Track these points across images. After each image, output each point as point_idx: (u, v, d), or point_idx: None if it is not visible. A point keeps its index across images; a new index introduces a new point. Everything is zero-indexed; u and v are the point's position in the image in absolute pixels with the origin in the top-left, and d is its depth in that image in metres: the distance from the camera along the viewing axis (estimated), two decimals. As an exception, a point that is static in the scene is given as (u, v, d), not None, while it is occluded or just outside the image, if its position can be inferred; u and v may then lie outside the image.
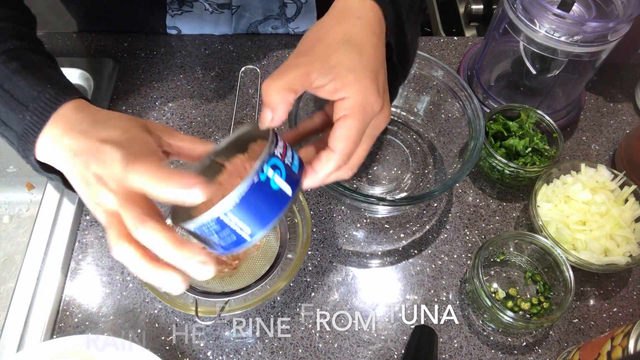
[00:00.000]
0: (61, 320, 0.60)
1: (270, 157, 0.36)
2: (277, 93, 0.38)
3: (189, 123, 0.75)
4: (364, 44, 0.42)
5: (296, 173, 0.38)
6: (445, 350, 0.60)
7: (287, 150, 0.39)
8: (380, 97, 0.40)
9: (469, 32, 1.24)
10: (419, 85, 0.72)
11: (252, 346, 0.60)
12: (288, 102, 0.38)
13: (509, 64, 0.79)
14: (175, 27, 0.82)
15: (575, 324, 0.63)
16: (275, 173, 0.36)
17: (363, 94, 0.39)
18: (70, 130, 0.41)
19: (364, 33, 0.42)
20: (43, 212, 0.66)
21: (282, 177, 0.37)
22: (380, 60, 0.42)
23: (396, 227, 0.69)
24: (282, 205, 0.37)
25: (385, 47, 0.44)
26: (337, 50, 0.40)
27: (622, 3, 0.66)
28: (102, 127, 0.40)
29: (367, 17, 0.43)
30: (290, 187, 0.37)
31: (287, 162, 0.38)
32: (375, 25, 0.44)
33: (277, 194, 0.37)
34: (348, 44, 0.41)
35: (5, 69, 0.44)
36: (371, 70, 0.40)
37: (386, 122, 0.43)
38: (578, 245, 0.64)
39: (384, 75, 0.43)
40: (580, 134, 0.79)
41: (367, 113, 0.39)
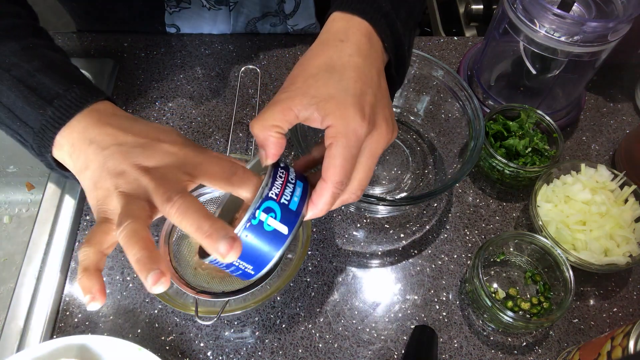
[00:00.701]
0: (61, 320, 0.60)
1: (262, 201, 0.38)
2: (259, 131, 0.39)
3: (189, 123, 0.75)
4: (345, 67, 0.41)
5: (294, 210, 0.39)
6: (445, 350, 0.60)
7: (287, 186, 0.39)
8: (365, 119, 0.40)
9: (469, 32, 1.24)
10: (419, 85, 0.72)
11: (252, 346, 0.60)
12: (274, 138, 0.39)
13: (509, 64, 0.79)
14: (174, 25, 0.82)
15: (575, 324, 0.63)
16: (268, 216, 0.38)
17: (344, 120, 0.39)
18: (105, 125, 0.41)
19: (345, 56, 0.42)
20: (43, 212, 0.66)
21: (277, 219, 0.38)
22: (365, 80, 0.41)
23: (396, 227, 0.69)
24: (279, 244, 0.39)
25: (376, 63, 0.44)
26: (317, 80, 0.40)
27: (622, 3, 0.66)
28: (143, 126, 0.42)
29: (351, 38, 0.43)
30: (287, 226, 0.38)
31: (284, 201, 0.39)
32: (362, 45, 0.43)
33: (272, 234, 0.38)
34: (327, 71, 0.41)
35: (27, 66, 0.45)
36: (353, 94, 0.40)
37: (384, 140, 0.42)
38: (578, 245, 0.64)
39: (372, 95, 0.41)
40: (580, 134, 0.79)
41: (350, 139, 0.39)
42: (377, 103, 0.42)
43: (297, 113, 0.39)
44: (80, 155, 0.41)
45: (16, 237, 0.83)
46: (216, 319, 0.52)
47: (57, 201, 0.66)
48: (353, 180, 0.41)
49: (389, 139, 0.42)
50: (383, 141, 0.42)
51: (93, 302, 0.37)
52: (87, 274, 0.37)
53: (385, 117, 0.42)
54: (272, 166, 0.40)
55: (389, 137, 0.42)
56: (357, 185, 0.41)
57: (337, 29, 0.44)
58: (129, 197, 0.38)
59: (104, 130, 0.41)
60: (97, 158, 0.40)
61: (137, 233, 0.35)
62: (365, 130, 0.40)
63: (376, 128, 0.41)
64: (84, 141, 0.41)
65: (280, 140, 0.40)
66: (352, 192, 0.41)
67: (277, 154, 0.40)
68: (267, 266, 0.39)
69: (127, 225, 0.36)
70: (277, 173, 0.40)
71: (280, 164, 0.41)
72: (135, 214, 0.36)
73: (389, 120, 0.42)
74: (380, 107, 0.42)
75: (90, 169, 0.40)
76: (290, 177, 0.40)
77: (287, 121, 0.39)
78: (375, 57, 0.44)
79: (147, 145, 0.40)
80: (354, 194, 0.42)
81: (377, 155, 0.42)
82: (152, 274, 0.34)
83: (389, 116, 0.43)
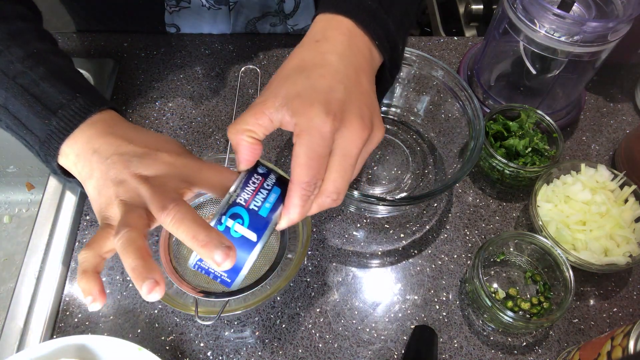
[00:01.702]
0: (61, 320, 0.60)
1: (229, 207, 0.38)
2: (232, 135, 0.40)
3: (189, 123, 0.75)
4: (316, 65, 0.40)
5: (264, 216, 0.38)
6: (445, 350, 0.60)
7: (259, 192, 0.39)
8: (330, 115, 0.38)
9: (469, 32, 1.24)
10: (419, 85, 0.72)
11: (252, 346, 0.60)
12: (246, 142, 0.39)
13: (509, 64, 0.79)
14: (174, 25, 0.82)
15: (575, 324, 0.63)
16: (235, 222, 0.38)
17: (307, 118, 0.38)
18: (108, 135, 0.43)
19: (317, 55, 0.41)
20: (43, 212, 0.66)
21: (244, 225, 0.38)
22: (335, 76, 0.40)
23: (396, 227, 0.69)
24: (248, 251, 0.38)
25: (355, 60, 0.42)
26: (287, 81, 0.40)
27: (622, 3, 0.66)
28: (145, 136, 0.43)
29: (327, 37, 0.42)
30: (255, 233, 0.38)
31: (254, 207, 0.38)
32: (337, 43, 0.42)
33: (241, 241, 0.38)
34: (298, 71, 0.40)
35: (32, 74, 0.46)
36: (319, 91, 0.38)
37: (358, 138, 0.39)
38: (578, 245, 0.64)
39: (343, 91, 0.39)
40: (580, 134, 0.79)
41: (313, 136, 0.37)
42: (349, 99, 0.39)
43: (270, 116, 0.39)
44: (85, 165, 0.42)
45: (16, 237, 0.83)
46: (216, 318, 0.52)
47: (57, 201, 0.66)
48: (326, 182, 0.39)
49: (364, 137, 0.39)
50: (357, 139, 0.39)
51: (94, 303, 0.38)
52: (85, 277, 0.38)
53: (360, 114, 0.39)
54: (247, 171, 0.40)
55: (363, 135, 0.39)
56: (332, 187, 0.39)
57: (315, 30, 0.43)
58: (128, 206, 0.39)
59: (107, 140, 0.42)
60: (100, 167, 0.41)
61: (134, 242, 0.36)
62: (329, 127, 0.37)
63: (346, 125, 0.38)
64: (88, 151, 0.42)
65: (254, 146, 0.39)
66: (327, 195, 0.39)
67: (249, 159, 0.40)
68: (240, 274, 0.39)
69: (124, 234, 0.36)
70: (251, 179, 0.40)
71: (259, 169, 0.41)
72: (132, 223, 0.37)
73: (366, 118, 0.40)
74: (355, 104, 0.40)
75: (94, 178, 0.41)
76: (266, 183, 0.40)
77: (260, 125, 0.39)
78: (354, 54, 0.42)
79: (147, 155, 0.41)
80: (329, 197, 0.39)
81: (353, 155, 0.39)
82: (147, 283, 0.35)
83: (366, 114, 0.40)
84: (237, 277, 0.39)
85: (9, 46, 0.47)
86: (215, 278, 0.40)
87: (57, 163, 0.45)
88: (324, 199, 0.39)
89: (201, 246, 0.35)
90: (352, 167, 0.39)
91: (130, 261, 0.36)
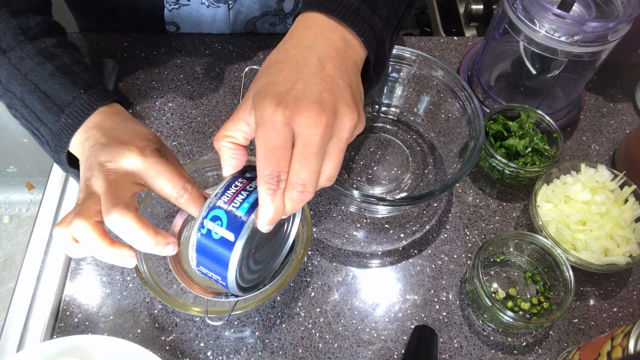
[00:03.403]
0: (61, 320, 0.60)
1: (209, 210, 0.39)
2: (215, 142, 0.41)
3: (189, 123, 0.75)
4: (278, 61, 0.40)
5: (241, 216, 0.39)
6: (445, 350, 0.60)
7: (240, 194, 0.39)
8: (281, 104, 0.37)
9: (469, 32, 1.24)
10: (419, 85, 0.72)
11: (252, 346, 0.60)
12: (227, 148, 0.40)
13: (509, 64, 0.79)
14: (173, 23, 0.82)
15: (575, 324, 0.63)
16: (215, 224, 0.39)
17: (260, 111, 0.37)
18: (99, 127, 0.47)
19: (281, 52, 0.41)
20: (43, 212, 0.66)
21: (223, 226, 0.39)
22: (294, 68, 0.39)
23: (396, 227, 0.69)
24: (228, 251, 0.39)
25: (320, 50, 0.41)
26: (255, 82, 0.40)
27: (622, 3, 0.66)
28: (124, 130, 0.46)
29: (295, 34, 0.42)
30: (233, 233, 0.39)
31: (232, 208, 0.39)
32: (302, 38, 0.42)
33: (221, 242, 0.39)
34: (262, 71, 0.41)
35: (41, 71, 0.50)
36: (274, 84, 0.38)
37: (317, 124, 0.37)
38: (578, 245, 0.64)
39: (300, 80, 0.38)
40: (580, 134, 0.79)
41: (266, 128, 0.36)
42: (305, 87, 0.38)
43: (245, 120, 0.39)
44: (79, 151, 0.47)
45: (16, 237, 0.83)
46: (227, 317, 0.52)
47: (57, 201, 0.66)
48: (290, 173, 0.37)
49: (323, 123, 0.37)
50: (314, 125, 0.37)
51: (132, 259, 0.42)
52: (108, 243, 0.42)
53: (318, 100, 0.37)
54: (232, 176, 0.41)
55: (321, 120, 0.37)
56: (295, 179, 0.37)
57: (288, 31, 0.44)
58: (88, 193, 0.42)
59: (96, 131, 0.46)
60: (85, 154, 0.46)
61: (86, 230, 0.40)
62: (280, 116, 0.36)
63: (300, 111, 0.37)
64: (83, 138, 0.47)
65: (235, 151, 0.40)
66: (292, 187, 0.37)
67: (231, 164, 0.41)
68: (228, 274, 0.40)
69: (79, 224, 0.40)
70: (234, 182, 0.40)
71: (247, 173, 0.41)
72: (85, 213, 0.41)
73: (325, 104, 0.37)
74: (312, 90, 0.38)
75: (82, 162, 0.46)
76: (249, 185, 0.40)
77: (238, 130, 0.40)
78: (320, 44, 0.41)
79: (115, 148, 0.44)
80: (294, 189, 0.37)
81: (314, 143, 0.37)
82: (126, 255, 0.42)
83: (326, 99, 0.38)
84: (227, 277, 0.40)
85: (21, 42, 0.51)
86: (216, 281, 0.42)
87: (65, 154, 0.49)
88: (291, 192, 0.37)
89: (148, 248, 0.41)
90: (316, 156, 0.37)
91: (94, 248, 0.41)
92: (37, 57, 0.51)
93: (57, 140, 0.48)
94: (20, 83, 0.50)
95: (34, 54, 0.51)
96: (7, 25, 0.52)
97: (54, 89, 0.49)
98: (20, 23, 0.52)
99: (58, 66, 0.51)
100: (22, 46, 0.51)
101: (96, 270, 0.63)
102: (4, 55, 0.51)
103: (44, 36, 0.53)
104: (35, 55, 0.51)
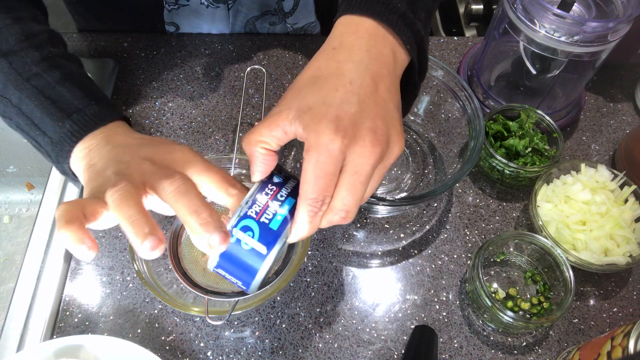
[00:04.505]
0: (61, 320, 0.60)
1: (239, 220, 0.38)
2: (246, 146, 0.39)
3: (189, 123, 0.75)
4: (331, 75, 0.39)
5: (274, 230, 0.38)
6: (445, 350, 0.60)
7: (271, 204, 0.39)
8: (340, 131, 0.36)
9: (469, 32, 1.24)
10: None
11: (252, 346, 0.60)
12: (259, 154, 0.39)
13: (509, 64, 0.79)
14: (173, 23, 0.82)
15: (575, 324, 0.63)
16: (246, 234, 0.38)
17: (316, 134, 0.36)
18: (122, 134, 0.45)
19: (333, 64, 0.39)
20: (43, 212, 0.66)
21: (255, 237, 0.38)
22: (349, 88, 0.38)
23: (396, 227, 0.69)
24: (259, 263, 0.39)
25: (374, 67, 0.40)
26: (300, 93, 0.39)
27: (622, 3, 0.66)
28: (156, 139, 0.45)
29: (345, 43, 0.40)
30: (265, 246, 0.38)
31: (265, 220, 0.38)
32: (355, 49, 0.40)
33: (251, 252, 0.38)
34: (311, 82, 0.39)
35: (47, 77, 0.48)
36: (330, 105, 0.37)
37: (370, 154, 0.37)
38: (578, 245, 0.64)
39: (356, 103, 0.38)
40: (580, 134, 0.79)
41: (321, 154, 0.36)
42: (362, 112, 0.38)
43: (284, 128, 0.38)
44: (96, 154, 0.43)
45: (16, 237, 0.83)
46: (228, 317, 0.52)
47: (57, 201, 0.66)
48: (335, 199, 0.37)
49: (376, 154, 0.37)
50: (368, 156, 0.37)
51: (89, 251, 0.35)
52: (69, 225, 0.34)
53: (374, 128, 0.37)
54: (261, 182, 0.40)
55: (375, 152, 0.37)
56: (340, 205, 0.37)
57: (334, 35, 0.42)
58: (126, 177, 0.39)
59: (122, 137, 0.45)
60: (109, 154, 0.42)
61: (132, 196, 0.36)
62: (338, 145, 0.36)
63: (357, 141, 0.37)
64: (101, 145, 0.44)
65: (267, 157, 0.39)
66: (335, 213, 0.37)
67: (262, 170, 0.40)
68: (253, 282, 0.40)
69: (122, 187, 0.36)
70: (265, 189, 0.39)
71: (275, 178, 0.40)
72: (131, 180, 0.37)
73: (379, 132, 0.38)
74: (368, 117, 0.38)
75: (100, 163, 0.42)
76: (280, 194, 0.39)
77: (274, 137, 0.39)
78: (374, 60, 0.40)
79: (157, 144, 0.42)
80: (337, 214, 0.38)
81: (364, 173, 0.37)
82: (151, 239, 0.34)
83: (380, 127, 0.38)
84: (251, 285, 0.40)
85: (25, 48, 0.49)
86: (234, 283, 0.41)
87: (68, 164, 0.46)
88: (332, 216, 0.38)
89: (201, 224, 0.35)
90: (363, 184, 0.38)
91: (131, 213, 0.35)
92: (42, 63, 0.48)
93: (58, 149, 0.45)
94: (20, 88, 0.47)
95: (40, 61, 0.49)
96: (10, 30, 0.49)
97: (61, 95, 0.47)
98: (24, 29, 0.50)
99: (66, 74, 0.48)
100: (26, 52, 0.49)
101: (96, 270, 0.63)
102: (4, 59, 0.48)
103: (49, 46, 0.51)
104: (40, 62, 0.49)
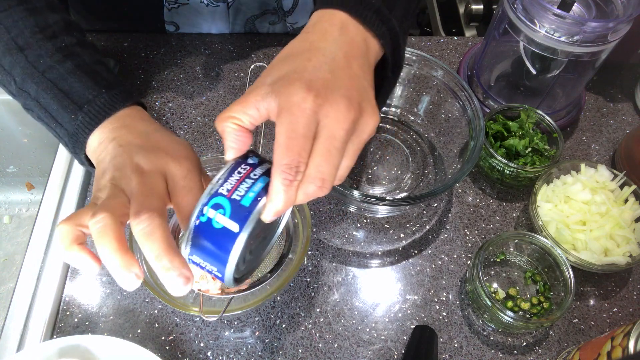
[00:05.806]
0: (61, 320, 0.60)
1: (210, 197, 0.37)
2: (217, 123, 0.38)
3: (189, 123, 0.75)
4: (304, 50, 0.39)
5: (247, 206, 0.36)
6: (445, 350, 0.60)
7: (244, 182, 0.37)
8: (312, 91, 0.36)
9: (469, 32, 1.24)
10: (419, 85, 0.72)
11: (252, 346, 0.60)
12: (232, 130, 0.37)
13: (509, 64, 0.79)
14: (173, 23, 0.82)
15: (575, 324, 0.63)
16: (217, 212, 0.36)
17: (287, 95, 0.36)
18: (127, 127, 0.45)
19: (305, 43, 0.40)
20: (43, 212, 0.66)
21: (227, 215, 0.36)
22: (322, 59, 0.39)
23: (396, 227, 0.69)
24: (231, 242, 0.36)
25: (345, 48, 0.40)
26: (273, 69, 0.39)
27: (622, 3, 0.66)
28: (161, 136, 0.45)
29: (318, 29, 0.41)
30: (237, 223, 0.36)
31: (236, 196, 0.36)
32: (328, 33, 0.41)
33: (223, 232, 0.36)
34: (284, 59, 0.40)
35: (60, 69, 0.48)
36: (299, 71, 0.37)
37: (345, 119, 0.36)
38: (578, 245, 0.64)
39: (329, 71, 0.38)
40: (580, 134, 0.79)
41: (292, 114, 0.35)
42: (335, 79, 0.37)
43: (256, 104, 0.37)
44: (102, 150, 0.44)
45: (16, 237, 0.83)
46: (222, 314, 0.52)
47: (57, 201, 0.66)
48: (310, 166, 0.36)
49: (350, 118, 0.36)
50: (342, 119, 0.36)
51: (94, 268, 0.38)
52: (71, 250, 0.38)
53: (347, 95, 0.37)
54: (235, 161, 0.39)
55: (349, 116, 0.36)
56: (315, 172, 0.35)
57: (309, 24, 0.43)
58: (116, 191, 0.40)
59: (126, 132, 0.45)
60: (112, 153, 0.43)
61: (109, 230, 0.37)
62: (310, 103, 0.35)
63: (330, 102, 0.36)
64: (109, 138, 0.45)
65: (239, 132, 0.38)
66: (310, 181, 0.36)
67: (235, 147, 0.38)
68: (227, 266, 0.37)
69: (101, 219, 0.37)
70: (237, 168, 0.38)
71: (250, 159, 0.39)
72: (112, 208, 0.38)
73: (354, 100, 0.37)
74: (341, 84, 0.37)
75: (105, 161, 0.43)
76: (253, 173, 0.38)
77: (245, 113, 0.38)
78: (345, 43, 0.40)
79: (153, 152, 0.42)
80: (313, 182, 0.36)
81: (339, 137, 0.36)
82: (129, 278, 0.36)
83: (354, 95, 0.38)
84: (225, 270, 0.38)
85: (39, 40, 0.49)
86: (209, 272, 0.39)
87: (85, 155, 0.47)
88: (307, 185, 0.36)
89: (161, 269, 0.36)
90: (339, 150, 0.36)
91: (107, 250, 0.36)
92: (56, 55, 0.49)
93: (74, 140, 0.46)
94: (36, 81, 0.48)
95: (53, 52, 0.49)
96: (25, 23, 0.50)
97: (73, 87, 0.47)
98: (38, 21, 0.51)
99: (78, 64, 0.49)
100: (40, 44, 0.49)
101: (96, 270, 0.63)
102: (21, 53, 0.49)
103: (63, 35, 0.51)
104: (54, 53, 0.49)
